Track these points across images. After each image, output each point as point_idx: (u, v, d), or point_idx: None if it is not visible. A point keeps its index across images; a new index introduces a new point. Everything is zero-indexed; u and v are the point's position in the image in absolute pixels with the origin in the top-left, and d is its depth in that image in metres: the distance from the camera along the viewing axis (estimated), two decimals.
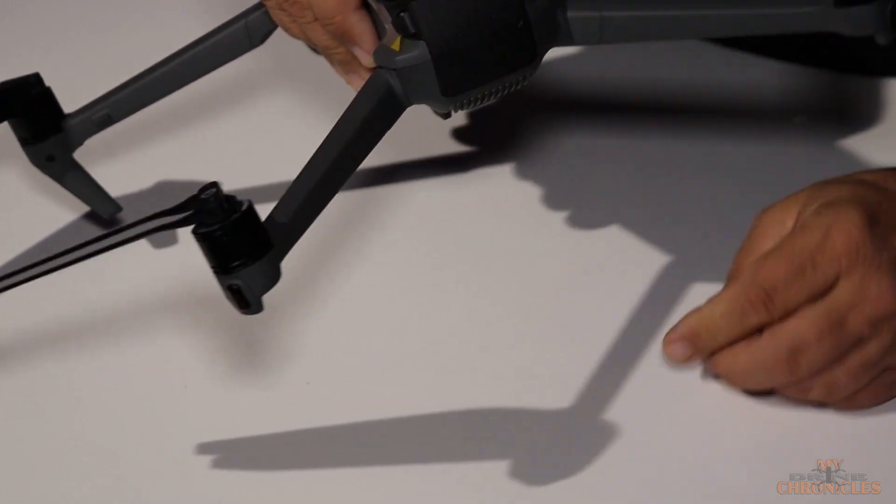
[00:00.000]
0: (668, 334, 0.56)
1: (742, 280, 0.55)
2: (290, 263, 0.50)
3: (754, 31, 0.51)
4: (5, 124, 0.64)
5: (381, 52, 0.53)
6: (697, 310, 0.56)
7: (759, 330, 0.54)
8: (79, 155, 0.66)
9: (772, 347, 0.54)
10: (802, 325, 0.54)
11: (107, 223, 0.68)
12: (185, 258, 0.66)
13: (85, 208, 0.69)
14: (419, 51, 0.51)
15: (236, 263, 0.46)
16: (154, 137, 0.74)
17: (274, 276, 0.48)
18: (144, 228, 0.46)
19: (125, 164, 0.73)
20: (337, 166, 0.51)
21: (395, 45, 0.51)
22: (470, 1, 0.50)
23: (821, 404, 0.56)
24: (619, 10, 0.52)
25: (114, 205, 0.67)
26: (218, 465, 0.54)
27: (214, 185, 0.46)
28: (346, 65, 0.55)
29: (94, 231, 0.68)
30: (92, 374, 0.59)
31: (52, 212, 0.70)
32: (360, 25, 0.54)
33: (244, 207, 0.46)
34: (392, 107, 0.52)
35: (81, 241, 0.48)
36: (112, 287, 0.64)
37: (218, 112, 0.75)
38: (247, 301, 0.47)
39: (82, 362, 0.60)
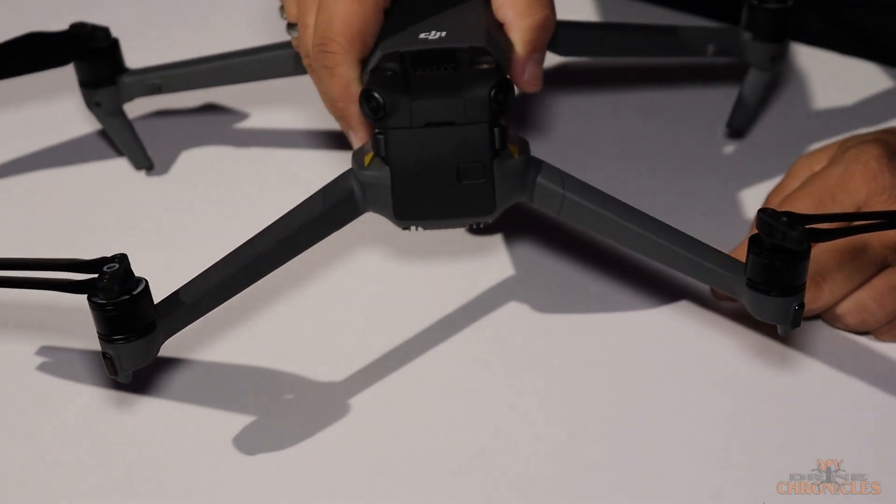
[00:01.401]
0: None
1: None
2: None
3: (678, 269, 0.53)
4: None
5: (356, 156, 0.54)
6: (733, 252, 0.59)
7: None
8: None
9: None
10: (822, 254, 0.57)
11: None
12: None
13: None
14: (382, 173, 0.52)
15: (118, 338, 0.49)
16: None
17: (149, 355, 0.51)
18: (40, 282, 0.49)
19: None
20: (267, 258, 0.53)
21: (367, 159, 0.53)
22: (441, 146, 0.51)
23: (867, 333, 0.59)
24: (580, 198, 0.53)
25: (147, 160, 0.72)
26: (222, 461, 0.54)
27: (122, 259, 0.49)
28: (345, 131, 0.58)
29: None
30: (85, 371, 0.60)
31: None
32: (357, 117, 0.55)
33: (138, 290, 0.49)
34: (350, 208, 0.54)
35: None
36: None
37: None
38: (115, 371, 0.50)
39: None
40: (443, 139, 0.51)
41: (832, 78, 0.80)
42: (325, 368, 0.58)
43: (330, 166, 0.72)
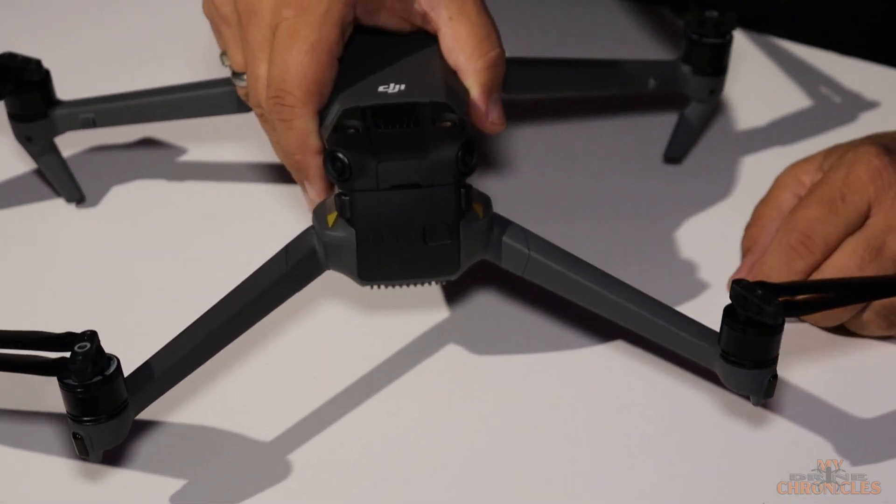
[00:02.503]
0: None
1: (781, 230, 0.58)
2: None
3: (649, 335, 0.53)
4: None
5: (318, 214, 0.53)
6: (752, 268, 0.60)
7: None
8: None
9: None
10: (843, 259, 0.57)
11: None
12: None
13: None
14: (347, 235, 0.51)
15: (88, 419, 0.48)
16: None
17: (121, 434, 0.49)
18: (8, 363, 0.48)
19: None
20: (235, 322, 0.52)
21: (331, 219, 0.52)
22: (408, 208, 0.50)
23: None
24: (545, 258, 0.53)
25: (78, 193, 0.69)
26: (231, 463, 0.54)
27: (92, 337, 0.47)
28: (300, 182, 0.56)
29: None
30: None
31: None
32: (315, 170, 0.54)
33: (110, 370, 0.48)
34: (313, 267, 0.53)
35: None
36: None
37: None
38: (87, 451, 0.49)
39: None
40: (409, 201, 0.50)
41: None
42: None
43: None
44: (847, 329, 0.59)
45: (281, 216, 0.63)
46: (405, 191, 0.50)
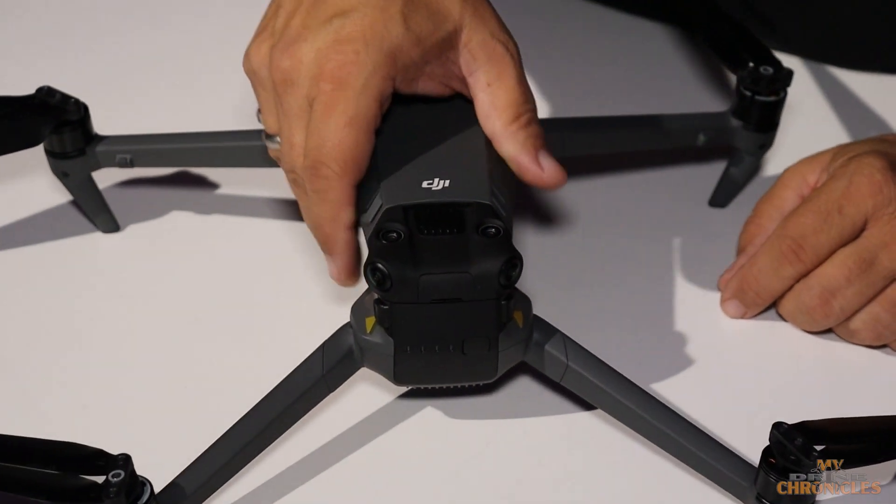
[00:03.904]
0: (722, 293, 0.61)
1: (775, 234, 0.58)
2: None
3: (682, 459, 0.52)
4: None
5: (356, 314, 0.52)
6: (742, 267, 0.60)
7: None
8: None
9: (805, 293, 0.58)
10: (831, 269, 0.57)
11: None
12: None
13: None
14: (385, 342, 0.50)
15: None
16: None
17: None
18: (40, 488, 0.46)
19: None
20: (270, 430, 0.51)
21: (369, 323, 0.51)
22: (448, 321, 0.49)
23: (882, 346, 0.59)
24: (583, 370, 0.53)
25: (113, 224, 0.68)
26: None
27: (126, 462, 0.47)
28: (327, 253, 0.55)
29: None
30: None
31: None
32: (342, 245, 0.53)
33: (144, 498, 0.47)
34: (349, 366, 0.53)
35: None
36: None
37: None
38: None
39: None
40: (449, 315, 0.49)
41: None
42: None
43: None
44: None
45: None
46: (446, 304, 0.48)
